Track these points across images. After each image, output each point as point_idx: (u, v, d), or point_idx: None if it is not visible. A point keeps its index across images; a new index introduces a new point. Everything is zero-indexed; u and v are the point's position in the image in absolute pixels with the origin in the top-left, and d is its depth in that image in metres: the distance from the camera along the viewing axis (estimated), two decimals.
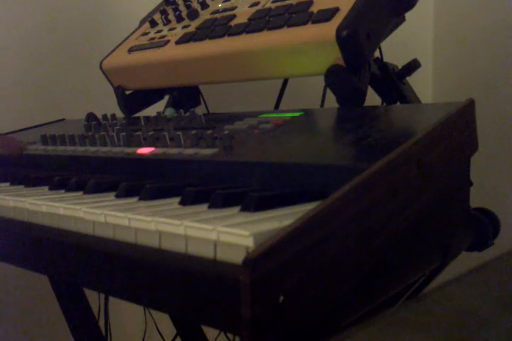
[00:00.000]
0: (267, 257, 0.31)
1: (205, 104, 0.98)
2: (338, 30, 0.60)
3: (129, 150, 0.65)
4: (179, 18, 0.85)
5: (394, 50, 0.89)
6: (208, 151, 0.57)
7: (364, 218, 0.39)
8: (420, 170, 0.45)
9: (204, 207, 0.44)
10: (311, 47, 0.64)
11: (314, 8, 0.66)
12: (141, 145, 0.65)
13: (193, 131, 0.61)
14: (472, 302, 0.28)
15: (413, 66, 0.81)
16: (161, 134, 0.65)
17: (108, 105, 0.96)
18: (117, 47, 0.91)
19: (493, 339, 0.24)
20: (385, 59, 0.81)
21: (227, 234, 0.35)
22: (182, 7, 0.87)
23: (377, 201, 0.40)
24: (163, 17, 0.87)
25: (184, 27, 0.82)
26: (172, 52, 0.79)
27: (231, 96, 1.15)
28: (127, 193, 0.52)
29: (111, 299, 0.96)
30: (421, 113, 0.58)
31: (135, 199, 0.50)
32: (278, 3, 0.73)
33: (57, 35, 1.14)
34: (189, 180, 0.56)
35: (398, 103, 0.81)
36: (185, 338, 1.06)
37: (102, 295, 0.95)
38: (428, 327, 0.26)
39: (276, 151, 0.54)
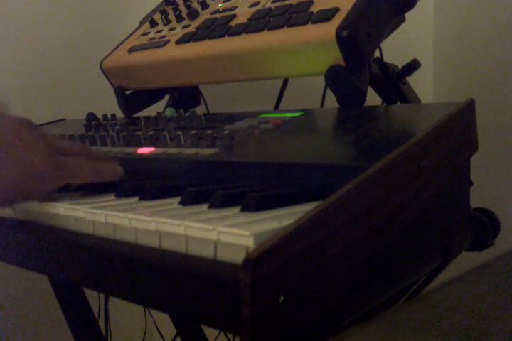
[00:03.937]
0: (267, 257, 0.31)
1: (205, 104, 0.98)
2: (338, 30, 0.60)
3: (129, 150, 0.65)
4: (179, 18, 0.85)
5: (394, 50, 0.89)
6: (207, 151, 0.57)
7: (364, 218, 0.39)
8: (420, 170, 0.45)
9: (204, 207, 0.44)
10: (311, 47, 0.64)
11: (314, 8, 0.66)
12: (141, 145, 0.65)
13: (193, 131, 0.61)
14: (472, 302, 0.28)
15: (413, 66, 0.81)
16: (161, 134, 0.65)
17: (108, 105, 0.96)
18: (117, 47, 0.91)
19: (493, 339, 0.24)
20: (385, 59, 0.81)
21: (228, 234, 0.35)
22: (182, 7, 0.87)
23: (377, 201, 0.40)
24: (163, 17, 0.87)
25: (184, 27, 0.82)
26: (172, 52, 0.79)
27: (231, 96, 1.15)
28: (127, 193, 0.52)
29: (111, 299, 0.96)
30: (421, 113, 0.58)
31: (135, 199, 0.50)
32: (278, 3, 0.72)
33: (58, 34, 1.14)
34: (189, 180, 0.56)
35: (398, 103, 0.81)
36: (185, 338, 1.06)
37: (102, 295, 0.95)
38: (428, 326, 0.26)
39: (276, 151, 0.54)
